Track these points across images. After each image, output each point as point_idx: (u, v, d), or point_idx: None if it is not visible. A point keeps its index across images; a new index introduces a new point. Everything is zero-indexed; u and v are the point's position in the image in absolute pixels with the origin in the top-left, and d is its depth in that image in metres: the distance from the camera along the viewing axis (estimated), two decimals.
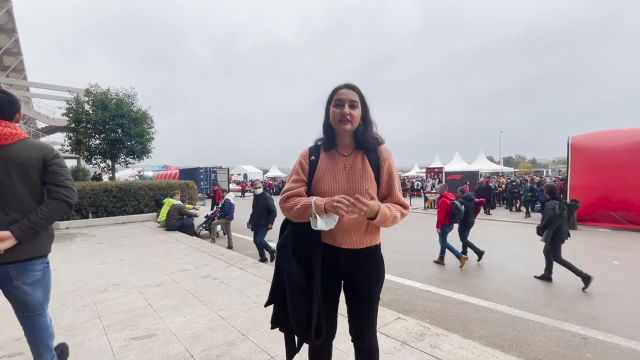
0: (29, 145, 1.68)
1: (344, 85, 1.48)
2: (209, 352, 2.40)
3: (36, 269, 1.75)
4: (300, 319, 1.39)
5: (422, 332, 2.70)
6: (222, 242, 7.55)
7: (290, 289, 1.41)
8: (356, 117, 1.46)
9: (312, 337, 1.39)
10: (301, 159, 1.55)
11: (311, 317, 1.38)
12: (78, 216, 8.92)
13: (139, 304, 3.36)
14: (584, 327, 3.34)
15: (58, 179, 1.71)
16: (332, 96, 1.48)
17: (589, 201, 10.29)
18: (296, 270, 1.40)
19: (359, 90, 1.48)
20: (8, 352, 2.42)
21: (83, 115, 12.08)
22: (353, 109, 1.44)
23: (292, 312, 1.41)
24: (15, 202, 1.62)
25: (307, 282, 1.40)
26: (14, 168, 1.61)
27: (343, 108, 1.43)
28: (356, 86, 1.48)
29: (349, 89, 1.47)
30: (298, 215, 1.40)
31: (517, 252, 6.76)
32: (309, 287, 1.40)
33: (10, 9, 21.29)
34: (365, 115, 1.52)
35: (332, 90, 1.50)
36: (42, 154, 1.69)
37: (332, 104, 1.47)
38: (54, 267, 4.87)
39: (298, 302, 1.39)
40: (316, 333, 1.41)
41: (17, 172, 1.61)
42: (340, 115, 1.43)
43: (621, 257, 6.24)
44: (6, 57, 26.72)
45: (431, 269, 5.48)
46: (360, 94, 1.48)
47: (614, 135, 10.61)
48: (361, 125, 1.50)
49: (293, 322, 1.42)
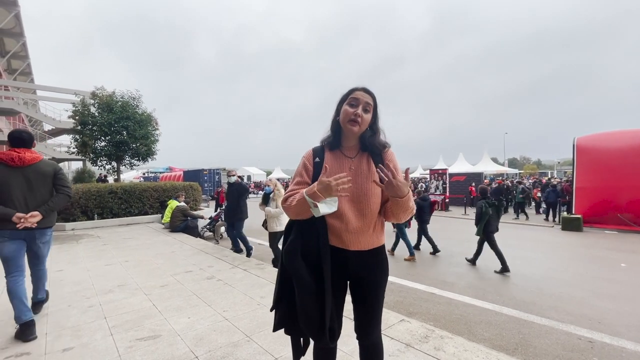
0: (46, 163, 2.87)
1: (362, 87, 1.49)
2: (214, 353, 2.41)
3: (48, 233, 2.88)
4: (312, 321, 1.40)
5: (426, 335, 2.69)
6: (226, 243, 7.58)
7: (300, 293, 1.41)
8: (366, 121, 1.46)
9: (326, 340, 1.40)
10: (305, 160, 1.55)
11: (324, 319, 1.38)
12: (84, 217, 8.99)
13: (144, 305, 3.38)
14: (590, 330, 3.31)
15: (62, 182, 2.90)
16: (348, 95, 1.49)
17: (595, 203, 10.20)
18: (306, 274, 1.40)
19: (374, 96, 1.49)
20: (16, 352, 2.44)
21: (89, 118, 12.20)
22: (366, 112, 1.45)
23: (303, 316, 1.41)
24: (40, 196, 2.76)
25: (316, 285, 1.40)
26: (40, 177, 2.77)
27: (357, 109, 1.43)
28: (373, 92, 1.49)
29: (366, 92, 1.47)
30: (299, 211, 1.39)
31: (521, 254, 6.70)
32: (319, 289, 1.40)
33: (17, 13, 21.60)
34: (374, 122, 1.53)
35: (349, 90, 1.50)
36: (53, 169, 2.87)
37: (347, 102, 1.47)
38: (60, 268, 4.93)
39: (309, 306, 1.39)
40: (330, 335, 1.42)
41: (41, 179, 2.77)
42: (352, 115, 1.43)
43: (628, 259, 6.17)
44: (14, 60, 27.10)
45: (434, 272, 5.45)
46: (375, 100, 1.49)
47: (620, 136, 10.51)
48: (368, 131, 1.51)
49: (304, 326, 1.42)
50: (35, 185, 2.72)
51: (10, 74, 28.22)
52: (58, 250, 6.02)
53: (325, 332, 1.39)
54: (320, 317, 1.39)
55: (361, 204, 1.44)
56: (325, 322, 1.39)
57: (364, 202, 1.44)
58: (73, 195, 3.06)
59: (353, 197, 1.44)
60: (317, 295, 1.40)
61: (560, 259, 6.54)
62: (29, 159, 2.70)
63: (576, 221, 9.79)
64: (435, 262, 6.08)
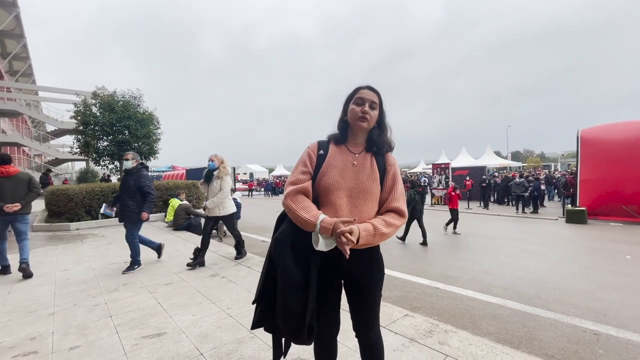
0: (24, 173, 4.52)
1: (367, 86, 1.52)
2: (218, 349, 2.42)
3: (26, 217, 4.51)
4: (290, 317, 1.35)
5: (430, 329, 2.69)
6: (229, 241, 7.60)
7: (283, 286, 1.37)
8: (374, 118, 1.49)
9: (304, 338, 1.36)
10: (310, 151, 1.54)
11: (304, 316, 1.34)
12: (88, 217, 9.05)
13: (148, 303, 3.40)
14: (595, 322, 3.29)
15: (34, 185, 4.52)
16: (354, 94, 1.51)
17: (600, 195, 10.12)
18: (293, 266, 1.36)
19: (379, 93, 1.52)
20: (23, 350, 2.47)
21: (91, 118, 12.24)
22: (372, 109, 1.48)
23: (281, 311, 1.36)
24: (20, 194, 4.36)
25: (302, 280, 1.36)
26: (20, 183, 4.40)
27: (363, 107, 1.46)
28: (378, 90, 1.52)
29: (371, 90, 1.50)
30: (299, 223, 1.37)
31: (526, 248, 6.68)
32: (305, 285, 1.36)
33: (18, 14, 21.63)
34: (382, 119, 1.55)
35: (354, 89, 1.53)
36: (28, 177, 4.53)
37: (353, 102, 1.50)
38: (65, 267, 4.96)
39: (290, 300, 1.35)
40: (308, 333, 1.37)
41: (21, 184, 4.40)
42: (360, 113, 1.45)
43: (633, 251, 6.13)
44: (15, 61, 27.19)
45: (438, 266, 5.45)
46: (380, 98, 1.52)
47: (624, 128, 10.38)
48: (376, 128, 1.54)
49: (281, 320, 1.38)
50: (18, 188, 4.36)
51: (11, 75, 28.31)
52: (63, 250, 6.06)
53: (304, 329, 1.34)
54: (301, 313, 1.34)
55: (359, 201, 1.42)
56: (305, 318, 1.34)
57: (362, 199, 1.43)
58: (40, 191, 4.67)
59: (352, 193, 1.43)
60: (301, 289, 1.35)
61: (564, 251, 6.51)
62: (13, 171, 4.38)
63: (581, 213, 9.72)
64: (438, 256, 6.06)
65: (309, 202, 1.41)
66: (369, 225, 1.34)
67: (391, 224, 1.38)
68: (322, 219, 1.31)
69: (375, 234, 1.33)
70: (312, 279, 1.36)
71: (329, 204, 1.42)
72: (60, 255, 5.69)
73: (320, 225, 1.29)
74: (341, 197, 1.41)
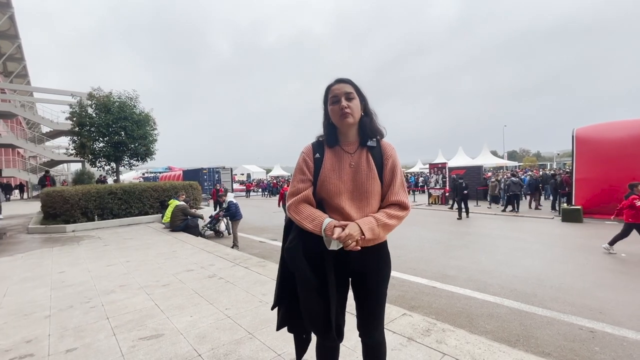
0: None
1: (336, 80, 1.47)
2: (216, 350, 2.41)
3: None
4: (316, 320, 1.40)
5: (428, 328, 2.70)
6: (226, 241, 7.59)
7: (303, 291, 1.41)
8: (356, 109, 1.44)
9: (333, 337, 1.40)
10: (305, 156, 1.51)
11: (330, 317, 1.38)
12: (84, 219, 8.99)
13: (146, 304, 3.38)
14: (591, 320, 3.32)
15: None
16: (327, 95, 1.47)
17: (595, 193, 10.19)
18: (308, 271, 1.39)
19: (352, 82, 1.46)
20: (19, 353, 2.45)
21: (86, 119, 12.15)
22: (350, 100, 1.43)
23: (307, 314, 1.41)
24: None
25: (319, 280, 1.40)
26: None
27: (340, 103, 1.41)
28: (349, 79, 1.47)
29: (341, 82, 1.45)
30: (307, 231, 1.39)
31: (521, 246, 6.72)
32: (323, 288, 1.39)
33: (12, 15, 21.44)
34: (366, 106, 1.51)
35: (326, 89, 1.49)
36: None
37: (329, 102, 1.46)
38: (61, 269, 4.93)
39: (313, 304, 1.39)
40: (337, 331, 1.42)
41: None
42: (339, 110, 1.41)
43: (628, 249, 6.19)
44: (9, 62, 26.93)
45: (435, 265, 5.47)
46: (355, 85, 1.47)
47: (619, 127, 10.47)
48: (365, 117, 1.49)
49: (309, 324, 1.42)
50: None
51: (6, 76, 28.07)
52: (59, 252, 6.02)
53: (332, 329, 1.39)
54: (325, 313, 1.38)
55: (361, 202, 1.43)
56: (330, 318, 1.38)
57: (364, 199, 1.43)
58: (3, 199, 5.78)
59: (353, 195, 1.43)
60: (320, 291, 1.39)
61: (560, 250, 6.55)
62: None
63: (576, 212, 9.79)
64: (436, 255, 6.08)
65: (312, 209, 1.42)
66: (370, 217, 1.37)
67: (393, 215, 1.39)
68: (326, 227, 1.32)
69: (377, 225, 1.35)
70: (329, 280, 1.39)
71: (334, 208, 1.43)
72: (56, 257, 5.65)
73: (325, 234, 1.32)
74: (344, 200, 1.42)
